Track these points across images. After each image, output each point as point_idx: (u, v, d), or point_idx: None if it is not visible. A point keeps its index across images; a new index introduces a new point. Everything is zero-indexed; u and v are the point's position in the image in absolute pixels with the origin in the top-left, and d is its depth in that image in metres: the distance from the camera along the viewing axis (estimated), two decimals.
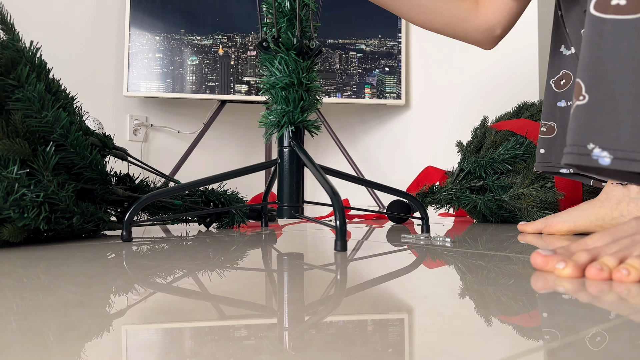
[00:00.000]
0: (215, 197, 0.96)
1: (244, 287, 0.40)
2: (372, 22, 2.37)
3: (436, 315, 0.31)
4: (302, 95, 0.78)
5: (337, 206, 0.64)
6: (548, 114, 0.87)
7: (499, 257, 0.58)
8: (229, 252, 0.62)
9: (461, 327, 0.29)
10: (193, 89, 2.24)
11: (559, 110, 0.85)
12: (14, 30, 0.73)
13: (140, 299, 0.35)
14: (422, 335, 0.27)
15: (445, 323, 0.29)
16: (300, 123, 0.78)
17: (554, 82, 0.86)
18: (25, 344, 0.25)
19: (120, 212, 0.85)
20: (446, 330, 0.28)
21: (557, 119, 0.85)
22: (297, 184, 0.79)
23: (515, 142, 1.13)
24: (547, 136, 0.87)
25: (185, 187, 0.79)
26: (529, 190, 1.08)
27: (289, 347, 0.25)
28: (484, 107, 2.17)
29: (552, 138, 0.86)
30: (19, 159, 0.65)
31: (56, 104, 0.71)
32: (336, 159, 2.66)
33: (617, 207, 0.81)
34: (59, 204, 0.67)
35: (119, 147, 0.87)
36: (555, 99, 0.86)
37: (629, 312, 0.32)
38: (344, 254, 0.60)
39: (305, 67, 0.78)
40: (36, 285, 0.39)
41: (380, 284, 0.42)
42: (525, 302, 0.35)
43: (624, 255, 0.45)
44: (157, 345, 0.25)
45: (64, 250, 0.61)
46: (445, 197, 1.16)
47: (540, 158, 0.88)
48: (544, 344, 0.25)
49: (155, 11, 2.21)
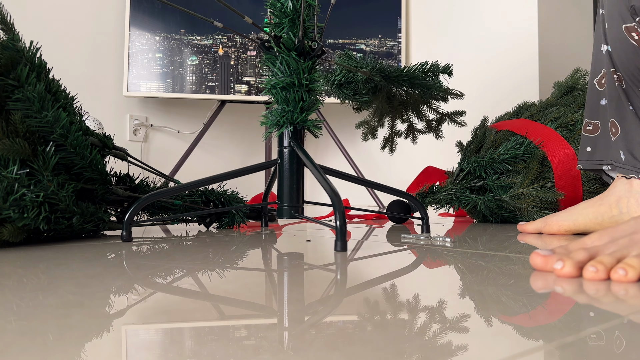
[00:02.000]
0: (215, 197, 0.96)
1: (244, 287, 0.40)
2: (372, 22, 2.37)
3: (436, 316, 0.31)
4: (302, 96, 0.78)
5: (337, 206, 0.64)
6: (592, 112, 0.88)
7: (499, 257, 0.58)
8: (229, 252, 0.62)
9: (461, 327, 0.29)
10: (193, 89, 2.24)
11: (602, 109, 0.86)
12: (14, 30, 0.73)
13: (140, 299, 0.35)
14: (422, 335, 0.27)
15: (445, 323, 0.29)
16: (299, 123, 0.78)
17: (597, 81, 0.87)
18: (25, 344, 0.25)
19: (120, 212, 0.85)
20: (446, 330, 0.28)
21: (601, 117, 0.87)
22: (297, 184, 0.79)
23: (515, 142, 1.13)
24: (592, 134, 0.88)
25: (185, 187, 0.79)
26: (529, 190, 1.08)
27: (289, 347, 0.25)
28: (484, 107, 2.17)
29: (597, 136, 0.88)
30: (18, 159, 0.65)
31: (56, 104, 0.71)
32: (336, 159, 2.66)
33: (617, 204, 0.81)
34: (59, 204, 0.67)
35: (119, 147, 0.87)
36: (598, 98, 0.87)
37: (629, 312, 0.32)
38: (344, 254, 0.60)
39: (307, 67, 0.78)
40: (36, 285, 0.39)
41: (380, 284, 0.42)
42: (525, 302, 0.35)
43: (622, 254, 0.45)
44: (157, 345, 0.25)
45: (64, 250, 0.61)
46: (445, 197, 1.16)
47: (586, 156, 0.89)
48: (544, 344, 0.25)
49: (155, 11, 2.21)
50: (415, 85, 1.08)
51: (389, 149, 1.43)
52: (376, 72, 1.05)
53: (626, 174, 0.81)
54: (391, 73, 1.06)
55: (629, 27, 0.78)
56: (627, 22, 0.79)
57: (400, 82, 1.08)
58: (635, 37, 0.78)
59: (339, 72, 1.12)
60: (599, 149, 0.87)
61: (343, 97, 1.18)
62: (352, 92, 1.14)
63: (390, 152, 1.44)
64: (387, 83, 1.08)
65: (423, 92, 1.08)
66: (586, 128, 0.89)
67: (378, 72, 1.05)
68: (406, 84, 1.08)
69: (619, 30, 0.80)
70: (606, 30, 0.83)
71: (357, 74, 1.09)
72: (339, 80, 1.12)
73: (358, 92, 1.15)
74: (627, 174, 0.81)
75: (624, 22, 0.79)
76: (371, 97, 1.17)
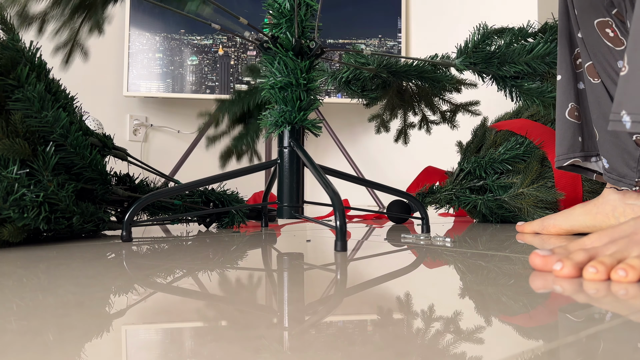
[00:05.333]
0: (215, 197, 0.95)
1: (244, 287, 0.40)
2: (372, 22, 2.37)
3: (436, 316, 0.31)
4: (300, 95, 0.78)
5: (337, 206, 0.64)
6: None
7: (499, 257, 0.58)
8: (229, 252, 0.62)
9: (461, 327, 0.29)
10: (193, 89, 2.24)
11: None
12: (14, 30, 0.73)
13: (140, 299, 0.35)
14: (422, 335, 0.27)
15: (445, 323, 0.29)
16: (298, 123, 0.78)
17: (568, 113, 0.84)
18: (25, 344, 0.25)
19: (120, 212, 0.85)
20: (446, 330, 0.28)
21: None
22: (297, 184, 0.78)
23: (515, 142, 1.13)
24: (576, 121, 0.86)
25: (185, 187, 0.79)
26: (529, 190, 1.08)
27: (289, 347, 0.25)
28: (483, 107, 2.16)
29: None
30: (18, 159, 0.65)
31: (56, 104, 0.71)
32: (336, 159, 2.66)
33: (612, 213, 0.81)
34: (59, 204, 0.67)
35: (119, 147, 0.87)
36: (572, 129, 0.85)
37: (629, 312, 0.32)
38: (344, 254, 0.60)
39: (304, 67, 0.78)
40: (36, 285, 0.39)
41: (380, 284, 0.42)
42: (525, 302, 0.35)
43: (622, 255, 0.45)
44: (157, 345, 0.25)
45: (64, 250, 0.61)
46: (445, 197, 1.16)
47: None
48: (544, 344, 0.25)
49: (155, 11, 2.21)
50: (425, 79, 1.07)
51: (402, 141, 1.44)
52: (383, 68, 1.04)
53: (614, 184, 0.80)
54: (399, 68, 1.05)
55: (602, 22, 0.74)
56: (600, 16, 0.74)
57: (409, 76, 1.07)
58: (610, 35, 0.74)
59: (346, 70, 1.11)
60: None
61: (351, 94, 1.17)
62: (360, 89, 1.14)
63: (405, 143, 1.45)
64: (396, 78, 1.07)
65: (433, 85, 1.07)
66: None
67: (385, 68, 1.04)
68: (415, 78, 1.07)
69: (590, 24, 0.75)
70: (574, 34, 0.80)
71: (364, 71, 1.08)
72: (346, 78, 1.12)
73: (367, 89, 1.15)
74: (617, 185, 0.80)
75: (596, 17, 0.75)
76: (381, 93, 1.16)
